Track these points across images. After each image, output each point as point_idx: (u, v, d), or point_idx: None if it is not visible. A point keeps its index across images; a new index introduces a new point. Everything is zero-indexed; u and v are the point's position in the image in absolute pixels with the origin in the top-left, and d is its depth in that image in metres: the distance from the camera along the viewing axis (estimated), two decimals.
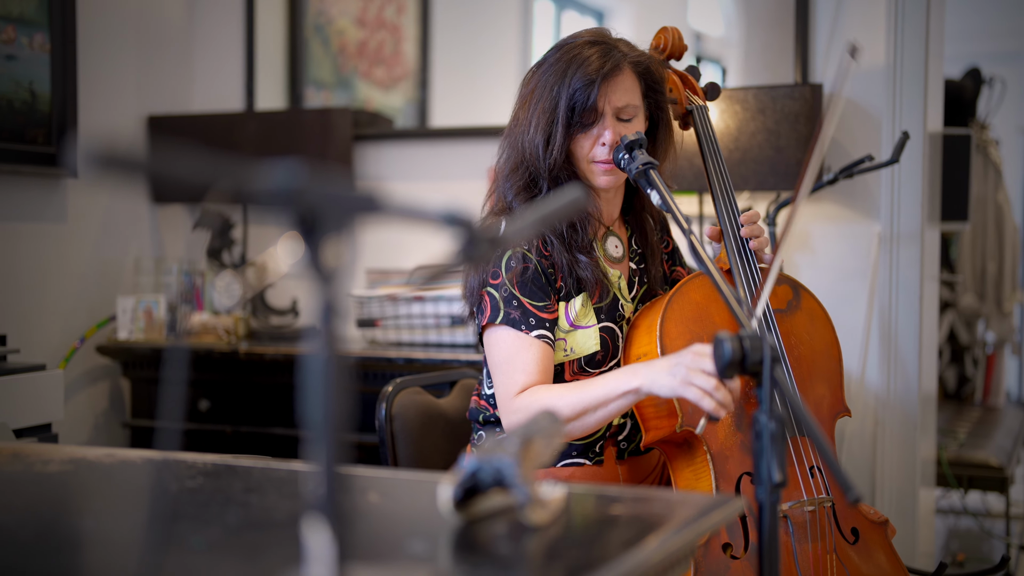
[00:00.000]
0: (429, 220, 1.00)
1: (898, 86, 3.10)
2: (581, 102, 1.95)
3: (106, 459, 1.61)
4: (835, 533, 1.94)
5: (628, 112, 1.99)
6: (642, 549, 1.14)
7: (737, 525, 1.88)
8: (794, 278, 2.14)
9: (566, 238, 2.00)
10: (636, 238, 2.16)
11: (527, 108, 2.01)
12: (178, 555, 1.12)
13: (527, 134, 1.99)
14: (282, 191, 0.82)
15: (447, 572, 1.11)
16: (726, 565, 1.84)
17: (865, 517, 1.99)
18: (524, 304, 1.95)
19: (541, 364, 1.94)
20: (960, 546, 4.29)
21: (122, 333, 3.37)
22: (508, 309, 1.96)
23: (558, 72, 1.98)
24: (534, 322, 1.95)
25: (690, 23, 5.25)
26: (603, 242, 2.10)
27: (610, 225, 2.12)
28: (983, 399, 5.13)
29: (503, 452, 1.23)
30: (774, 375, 1.46)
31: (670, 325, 1.95)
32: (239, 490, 1.44)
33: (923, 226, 3.12)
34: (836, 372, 2.08)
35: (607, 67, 1.96)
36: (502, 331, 1.96)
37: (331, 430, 0.87)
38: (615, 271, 2.09)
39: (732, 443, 1.92)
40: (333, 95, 4.22)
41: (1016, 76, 7.06)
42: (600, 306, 2.03)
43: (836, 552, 1.92)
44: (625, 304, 2.08)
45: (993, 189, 5.00)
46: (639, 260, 2.15)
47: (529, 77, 2.05)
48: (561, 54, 2.00)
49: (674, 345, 1.93)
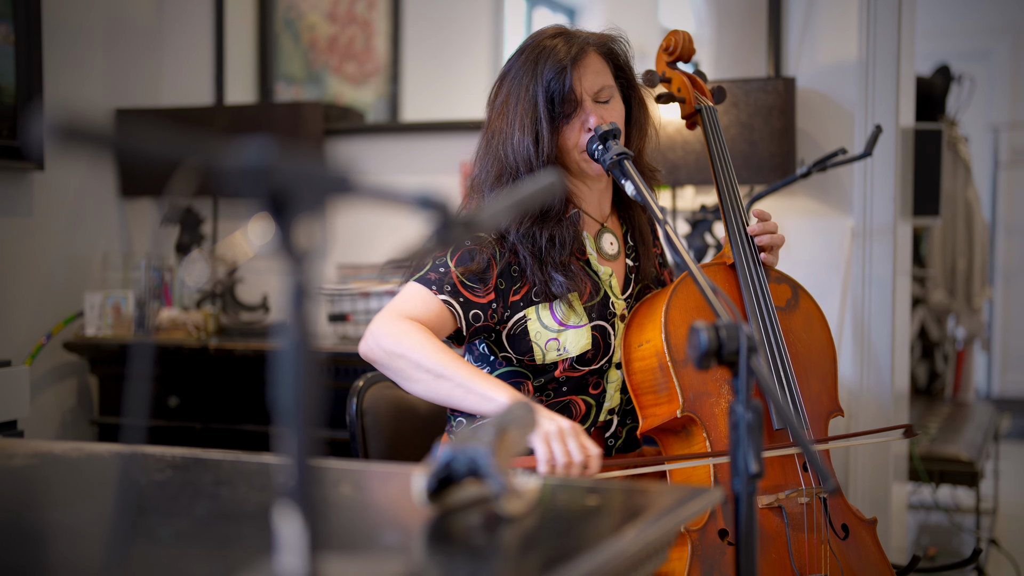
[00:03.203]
0: (403, 202, 0.98)
1: (870, 80, 3.10)
2: (558, 91, 1.94)
3: (73, 453, 1.58)
4: (827, 527, 1.95)
5: (604, 94, 1.99)
6: (619, 539, 1.12)
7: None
8: (794, 279, 2.14)
9: (542, 255, 1.98)
10: (631, 233, 2.15)
11: (504, 116, 1.99)
12: (146, 547, 1.09)
13: (511, 140, 1.97)
14: (252, 169, 0.80)
15: (421, 563, 1.09)
16: (722, 550, 1.85)
17: (855, 515, 2.01)
18: (451, 273, 1.93)
19: (434, 320, 1.90)
20: (931, 541, 4.31)
21: (90, 329, 3.32)
22: (431, 272, 1.94)
23: (528, 71, 1.97)
24: (449, 289, 1.93)
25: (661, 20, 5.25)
26: (597, 240, 2.08)
27: (604, 221, 2.11)
28: (953, 395, 5.15)
29: (478, 442, 1.22)
30: (750, 365, 1.45)
31: (674, 313, 1.96)
32: (208, 483, 1.41)
33: (896, 220, 3.12)
34: (831, 372, 2.11)
35: (574, 51, 1.97)
36: (412, 285, 1.94)
37: (302, 418, 0.84)
38: (607, 269, 2.07)
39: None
40: (304, 90, 4.18)
41: (986, 74, 7.12)
42: (591, 305, 2.02)
43: (830, 544, 1.93)
44: (616, 302, 2.06)
45: (963, 185, 5.02)
46: (635, 257, 2.14)
47: (498, 87, 2.03)
48: (526, 54, 2.00)
49: (678, 333, 1.93)
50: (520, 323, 1.99)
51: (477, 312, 1.95)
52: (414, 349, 1.83)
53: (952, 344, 5.17)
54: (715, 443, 1.91)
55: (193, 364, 3.22)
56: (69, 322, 3.39)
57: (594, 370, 2.02)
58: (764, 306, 2.02)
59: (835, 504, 1.99)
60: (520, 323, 1.99)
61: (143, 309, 3.40)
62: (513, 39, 4.99)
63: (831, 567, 1.91)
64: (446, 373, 1.82)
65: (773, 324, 2.01)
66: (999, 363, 7.37)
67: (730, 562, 1.85)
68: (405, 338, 1.84)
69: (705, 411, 1.91)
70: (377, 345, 1.87)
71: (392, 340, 1.85)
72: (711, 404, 1.92)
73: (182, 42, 3.81)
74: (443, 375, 1.82)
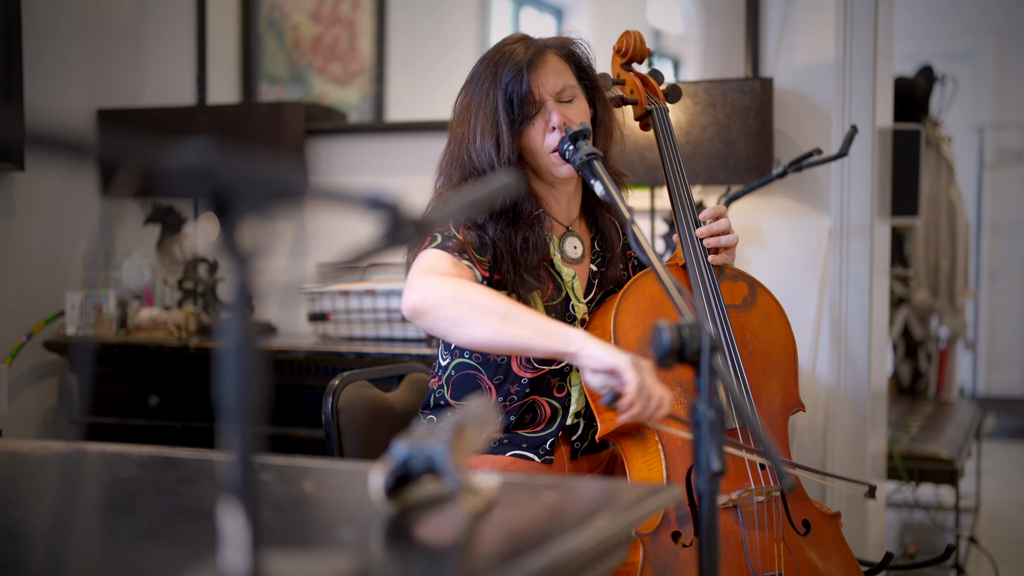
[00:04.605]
0: (353, 203, 0.99)
1: (847, 81, 3.12)
2: (517, 92, 1.96)
3: (40, 451, 1.59)
4: (785, 524, 1.96)
5: (567, 94, 2.01)
6: (575, 536, 1.13)
7: (687, 515, 1.89)
8: (751, 275, 2.16)
9: (517, 257, 1.99)
10: (599, 240, 2.16)
11: (466, 122, 2.01)
12: (103, 544, 1.10)
13: (473, 145, 1.98)
14: (193, 169, 0.81)
15: (375, 560, 1.10)
16: (675, 553, 1.86)
17: (817, 510, 2.02)
18: (464, 244, 1.94)
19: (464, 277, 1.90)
20: (913, 539, 4.33)
21: (71, 328, 3.33)
22: (447, 241, 1.94)
23: (488, 77, 2.00)
24: (467, 256, 1.93)
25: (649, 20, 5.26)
26: (561, 242, 2.09)
27: (569, 225, 2.12)
28: (936, 394, 5.17)
29: (434, 439, 1.23)
30: (712, 365, 1.47)
31: (624, 317, 1.96)
32: (173, 481, 1.42)
33: (873, 220, 3.14)
34: (790, 368, 2.11)
35: (531, 53, 1.99)
36: (433, 252, 1.93)
37: (245, 415, 0.85)
38: (569, 271, 2.08)
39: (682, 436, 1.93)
40: (287, 90, 4.19)
41: (969, 75, 7.15)
42: (551, 305, 2.03)
43: (785, 541, 1.94)
44: (577, 305, 2.07)
45: (946, 186, 5.04)
46: (601, 262, 2.15)
47: (461, 96, 2.05)
48: (487, 62, 2.03)
49: (627, 338, 1.94)
50: None
51: (487, 281, 1.97)
52: (476, 292, 1.82)
53: (935, 343, 5.19)
54: (667, 446, 1.92)
55: (174, 363, 3.23)
56: (50, 321, 3.39)
57: (555, 371, 2.03)
58: (715, 306, 2.03)
59: (795, 500, 2.00)
60: None
61: (124, 308, 3.40)
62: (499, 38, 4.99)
63: (786, 565, 1.92)
64: (513, 312, 1.80)
65: (724, 324, 2.03)
66: (984, 362, 7.39)
67: (684, 564, 1.86)
68: (463, 284, 1.84)
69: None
70: (432, 294, 1.83)
71: (450, 287, 1.83)
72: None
73: (165, 42, 3.81)
74: (509, 314, 1.80)
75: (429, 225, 1.05)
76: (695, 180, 3.05)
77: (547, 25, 5.34)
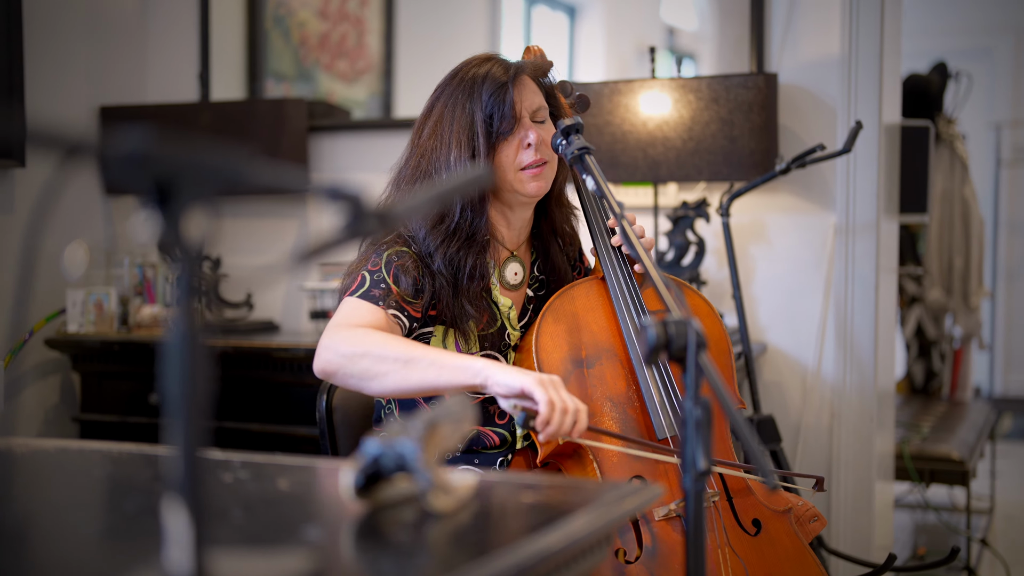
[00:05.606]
0: (313, 194, 0.97)
1: (853, 76, 3.08)
2: (498, 107, 1.94)
3: (19, 448, 1.57)
4: (733, 527, 1.92)
5: (540, 114, 2.01)
6: (549, 534, 1.10)
7: (629, 530, 1.85)
8: (675, 277, 2.13)
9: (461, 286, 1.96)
10: (540, 263, 2.14)
11: (437, 135, 1.97)
12: (59, 543, 1.08)
13: (446, 158, 1.95)
14: (132, 157, 0.79)
15: (341, 559, 1.07)
16: (620, 571, 1.82)
17: (766, 507, 1.97)
18: (392, 290, 1.92)
19: (384, 329, 1.88)
20: (926, 540, 4.28)
21: (72, 326, 3.32)
22: (373, 289, 1.91)
23: (463, 91, 1.97)
24: (394, 304, 1.91)
25: (663, 18, 5.23)
26: (502, 269, 2.08)
27: (515, 250, 2.10)
28: (950, 394, 5.12)
29: (406, 436, 1.20)
30: (698, 362, 1.44)
31: (545, 339, 1.95)
32: (146, 478, 1.40)
33: (879, 217, 3.10)
34: (726, 365, 2.08)
35: (512, 71, 1.97)
36: (354, 301, 1.91)
37: (189, 410, 0.83)
38: (506, 300, 2.06)
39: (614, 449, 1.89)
40: (294, 87, 4.18)
41: (986, 72, 7.09)
42: (485, 334, 2.02)
43: (731, 546, 1.90)
44: (512, 333, 2.06)
45: (960, 183, 4.98)
46: (538, 287, 2.13)
47: (427, 113, 2.01)
48: (458, 78, 1.99)
49: (551, 359, 1.93)
50: (424, 337, 1.99)
51: (415, 324, 1.95)
52: (376, 344, 1.81)
53: (949, 343, 5.13)
54: (602, 463, 1.88)
55: None
56: (51, 319, 3.39)
57: (492, 399, 1.99)
58: (635, 313, 1.99)
59: (743, 501, 1.96)
60: (424, 337, 1.99)
61: (126, 306, 3.39)
62: (511, 36, 4.97)
63: (733, 569, 1.88)
64: (415, 356, 1.78)
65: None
66: (1001, 362, 7.33)
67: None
68: (364, 337, 1.82)
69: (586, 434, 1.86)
70: (336, 353, 1.82)
71: (350, 344, 1.82)
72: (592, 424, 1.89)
73: (167, 39, 3.80)
74: (411, 359, 1.78)
75: (391, 217, 1.03)
76: (698, 176, 3.01)
77: (559, 23, 5.31)
